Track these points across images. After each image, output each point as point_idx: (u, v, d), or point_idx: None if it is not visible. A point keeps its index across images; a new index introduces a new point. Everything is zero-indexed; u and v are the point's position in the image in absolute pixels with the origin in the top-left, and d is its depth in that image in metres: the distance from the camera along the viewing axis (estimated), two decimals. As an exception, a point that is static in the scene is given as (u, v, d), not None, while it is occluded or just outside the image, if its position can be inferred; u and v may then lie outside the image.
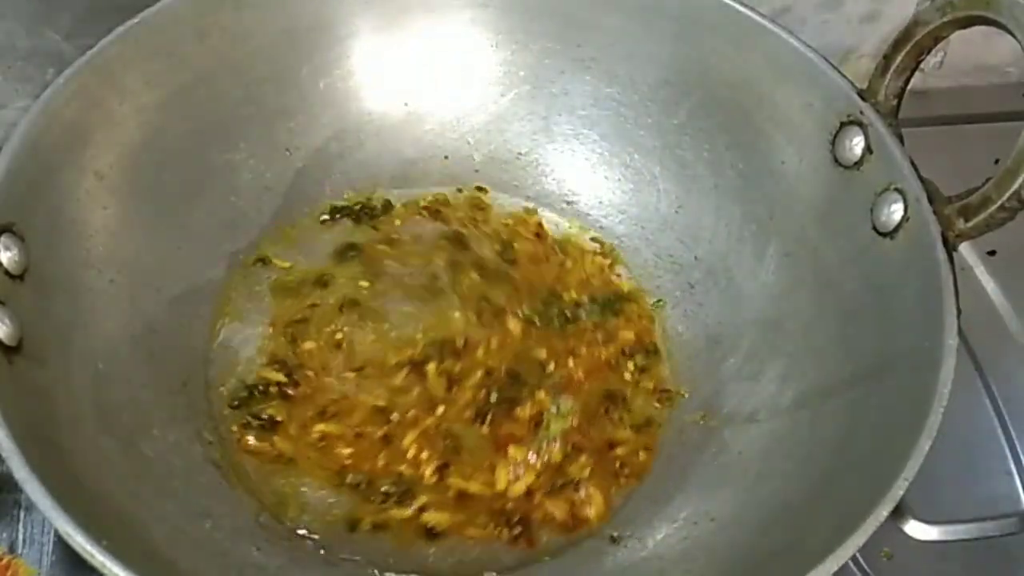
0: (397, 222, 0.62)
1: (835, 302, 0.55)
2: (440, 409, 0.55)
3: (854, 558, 0.54)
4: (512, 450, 0.54)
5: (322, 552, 0.51)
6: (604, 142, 0.64)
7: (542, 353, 0.58)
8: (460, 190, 0.64)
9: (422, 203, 0.63)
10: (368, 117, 0.64)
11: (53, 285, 0.50)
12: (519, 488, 0.53)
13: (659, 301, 0.61)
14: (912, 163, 0.52)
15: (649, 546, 0.52)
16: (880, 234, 0.53)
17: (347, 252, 0.61)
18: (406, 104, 0.64)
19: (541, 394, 0.56)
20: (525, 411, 0.55)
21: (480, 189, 0.64)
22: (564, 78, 0.64)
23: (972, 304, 0.51)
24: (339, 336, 0.57)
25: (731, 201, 0.61)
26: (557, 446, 0.54)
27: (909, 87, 0.54)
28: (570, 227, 0.64)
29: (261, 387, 0.56)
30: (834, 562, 0.42)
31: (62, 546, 0.52)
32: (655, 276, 0.62)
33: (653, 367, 0.59)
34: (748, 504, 0.51)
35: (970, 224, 0.49)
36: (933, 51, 0.53)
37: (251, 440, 0.54)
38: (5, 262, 0.47)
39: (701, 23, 0.60)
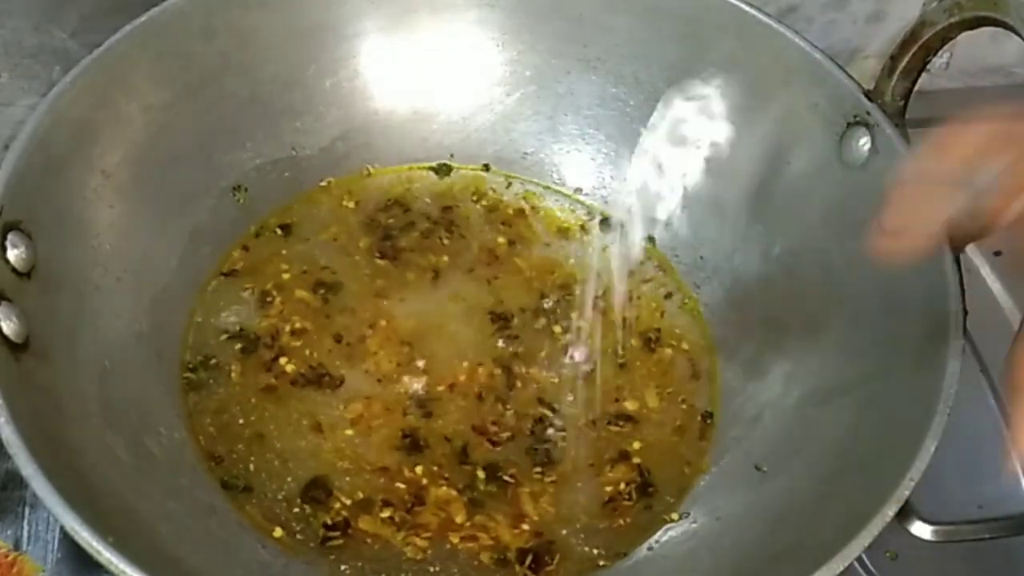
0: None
1: (841, 302, 0.55)
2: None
3: (859, 558, 0.54)
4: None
5: (327, 550, 0.51)
6: (610, 142, 0.64)
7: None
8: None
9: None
10: (375, 117, 0.64)
11: (60, 283, 0.50)
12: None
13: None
14: (919, 164, 0.52)
15: (655, 546, 0.52)
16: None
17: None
18: (412, 104, 0.64)
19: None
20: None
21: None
22: (570, 78, 0.64)
23: (978, 305, 0.51)
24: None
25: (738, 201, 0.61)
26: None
27: (916, 88, 0.54)
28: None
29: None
30: (839, 562, 0.42)
31: (67, 543, 0.52)
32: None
33: (658, 367, 0.59)
34: (753, 504, 0.52)
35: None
36: (940, 52, 0.53)
37: None
38: (12, 260, 0.47)
39: (707, 23, 0.60)
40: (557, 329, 0.59)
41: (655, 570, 0.51)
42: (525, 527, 0.52)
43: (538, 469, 0.54)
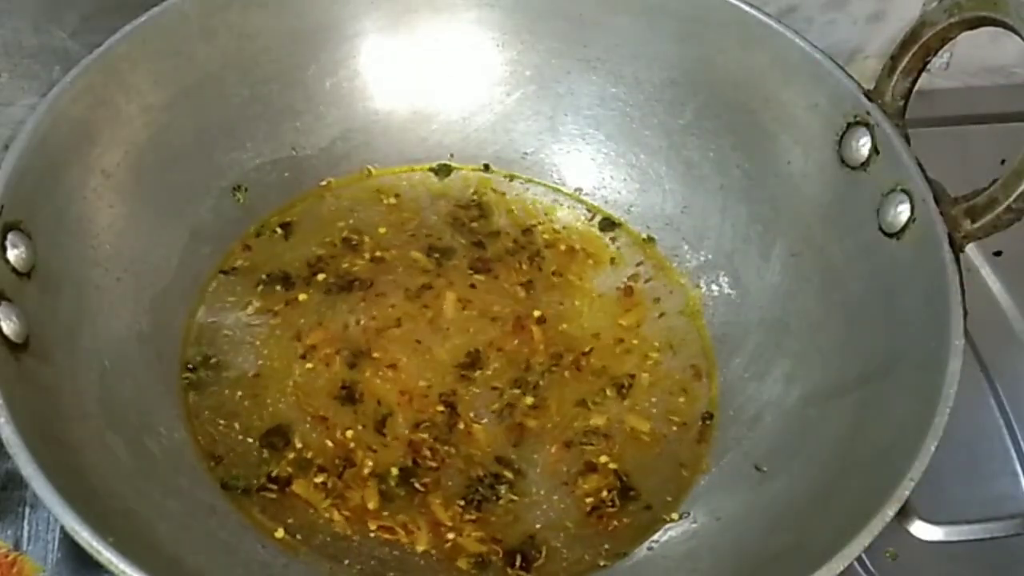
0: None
1: (841, 302, 0.55)
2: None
3: (859, 558, 0.54)
4: None
5: (327, 550, 0.51)
6: (610, 142, 0.64)
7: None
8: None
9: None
10: (374, 117, 0.64)
11: (60, 283, 0.50)
12: None
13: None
14: (919, 164, 0.52)
15: (654, 546, 0.52)
16: (886, 235, 0.53)
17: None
18: (412, 104, 0.64)
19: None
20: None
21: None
22: (570, 78, 0.64)
23: (978, 305, 0.51)
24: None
25: (737, 201, 0.61)
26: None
27: (916, 88, 0.54)
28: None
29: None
30: (839, 562, 0.42)
31: (68, 543, 0.52)
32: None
33: (658, 367, 0.59)
34: (753, 504, 0.52)
35: (976, 225, 0.49)
36: (940, 52, 0.53)
37: None
38: (12, 260, 0.47)
39: (707, 23, 0.60)
40: (529, 401, 0.56)
41: (655, 570, 0.51)
42: (451, 536, 0.51)
43: (462, 502, 0.52)
